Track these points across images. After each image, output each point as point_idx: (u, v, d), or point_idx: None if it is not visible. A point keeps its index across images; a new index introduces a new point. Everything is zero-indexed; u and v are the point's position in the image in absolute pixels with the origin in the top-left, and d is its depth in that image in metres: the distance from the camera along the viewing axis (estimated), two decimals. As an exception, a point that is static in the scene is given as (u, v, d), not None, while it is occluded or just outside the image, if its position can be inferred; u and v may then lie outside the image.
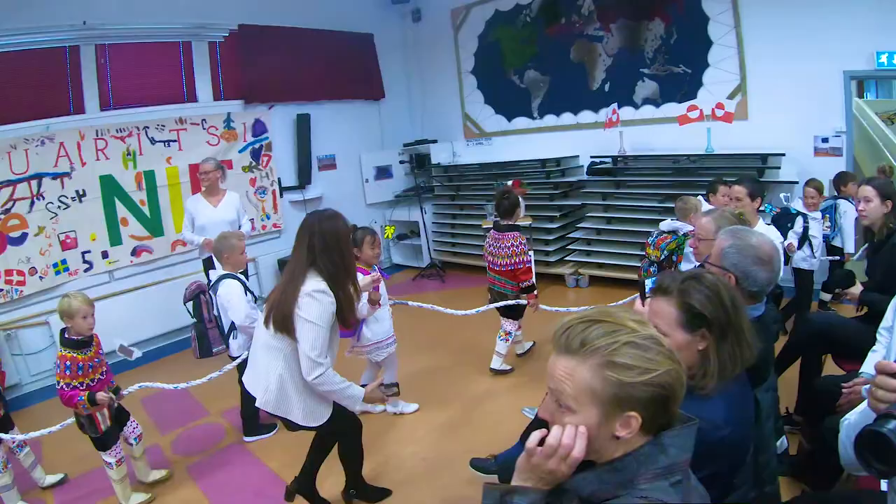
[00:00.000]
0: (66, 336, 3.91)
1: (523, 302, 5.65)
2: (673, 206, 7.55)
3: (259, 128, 8.85)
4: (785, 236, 5.85)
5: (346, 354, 5.09)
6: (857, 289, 4.07)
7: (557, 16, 9.29)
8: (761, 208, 5.71)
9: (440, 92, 11.17)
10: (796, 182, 6.98)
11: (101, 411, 4.00)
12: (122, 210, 7.46)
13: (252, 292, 5.00)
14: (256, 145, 8.84)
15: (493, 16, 10.08)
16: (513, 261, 5.53)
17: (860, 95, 10.90)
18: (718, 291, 2.09)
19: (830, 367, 4.16)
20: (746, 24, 7.51)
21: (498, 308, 5.75)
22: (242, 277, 4.95)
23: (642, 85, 8.57)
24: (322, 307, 3.24)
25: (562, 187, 9.19)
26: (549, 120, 9.74)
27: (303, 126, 9.41)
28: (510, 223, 5.68)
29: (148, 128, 7.61)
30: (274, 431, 5.24)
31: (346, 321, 3.48)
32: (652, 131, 8.49)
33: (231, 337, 4.95)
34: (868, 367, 3.26)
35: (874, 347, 3.31)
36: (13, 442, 4.33)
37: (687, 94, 8.13)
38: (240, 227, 6.61)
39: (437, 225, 10.67)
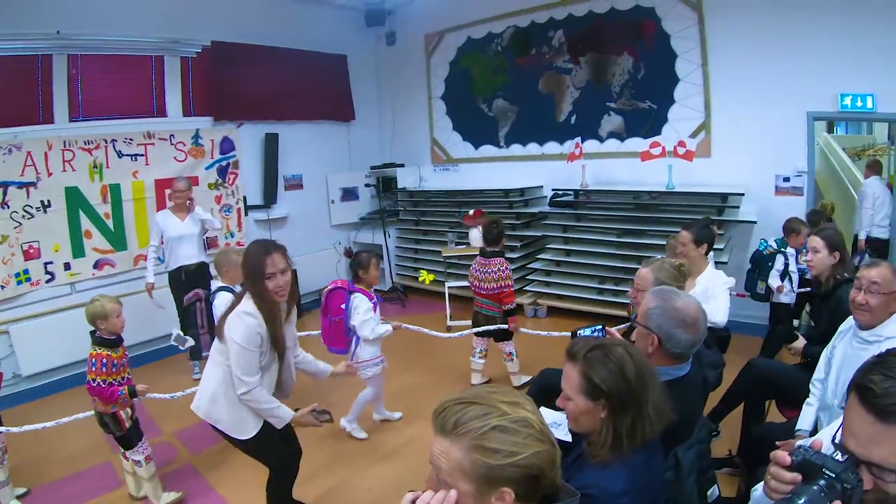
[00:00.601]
0: (98, 335, 4.14)
1: (504, 326, 5.98)
2: (631, 241, 7.79)
3: (227, 145, 8.94)
4: (767, 275, 6.11)
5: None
6: (800, 343, 4.22)
7: (528, 46, 9.52)
8: (720, 246, 5.95)
9: (410, 116, 11.35)
10: (755, 222, 7.21)
11: (125, 409, 4.23)
12: (86, 222, 7.51)
13: None
14: (223, 163, 8.93)
15: (465, 42, 10.31)
16: (499, 284, 5.91)
17: (830, 131, 11.22)
18: (623, 366, 2.12)
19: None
20: (713, 62, 7.75)
21: (491, 334, 6.11)
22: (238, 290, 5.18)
23: (608, 119, 8.80)
24: (247, 329, 3.33)
25: (524, 217, 9.37)
26: (515, 149, 9.94)
27: (271, 145, 9.53)
28: (496, 249, 6.05)
29: (115, 141, 7.67)
30: None
31: (277, 343, 3.51)
32: (616, 165, 8.69)
33: None
34: (803, 422, 3.47)
35: (808, 399, 3.52)
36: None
37: (652, 129, 8.35)
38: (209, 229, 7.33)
39: (400, 249, 10.79)
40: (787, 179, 7.45)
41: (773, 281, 6.13)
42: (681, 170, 7.73)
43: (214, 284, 5.29)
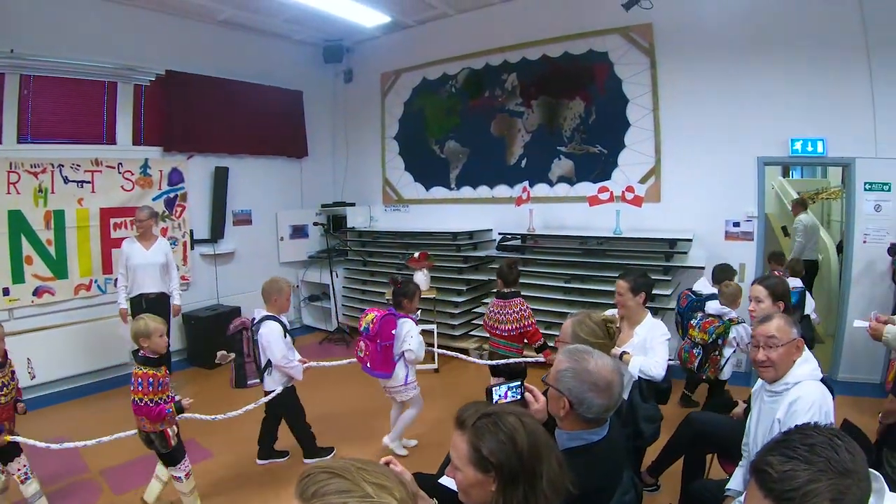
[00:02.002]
0: (142, 355, 4.34)
1: (542, 359, 6.18)
2: (578, 286, 8.01)
3: (176, 177, 9.12)
4: None
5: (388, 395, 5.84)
6: (740, 408, 4.36)
7: (481, 88, 9.92)
8: (666, 293, 6.18)
9: (363, 155, 11.65)
10: (702, 267, 7.36)
11: (172, 427, 4.42)
12: (27, 248, 7.62)
13: (290, 334, 5.59)
14: (171, 194, 9.08)
15: (420, 83, 10.70)
16: (521, 324, 6.08)
17: (785, 175, 11.85)
18: (514, 438, 2.05)
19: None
20: (665, 108, 8.14)
21: (501, 369, 6.27)
22: (284, 320, 5.53)
23: (558, 163, 9.15)
24: None
25: (472, 261, 9.39)
26: (466, 192, 10.31)
27: (220, 179, 9.73)
28: (514, 290, 6.29)
29: (62, 166, 7.83)
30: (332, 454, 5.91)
31: None
32: (565, 210, 9.01)
33: (266, 373, 5.48)
34: (733, 482, 3.49)
35: (741, 462, 3.57)
36: (21, 468, 4.55)
37: (602, 174, 8.70)
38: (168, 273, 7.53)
39: (347, 290, 10.98)
40: (736, 224, 7.79)
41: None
42: (631, 215, 7.95)
43: (259, 313, 5.52)
